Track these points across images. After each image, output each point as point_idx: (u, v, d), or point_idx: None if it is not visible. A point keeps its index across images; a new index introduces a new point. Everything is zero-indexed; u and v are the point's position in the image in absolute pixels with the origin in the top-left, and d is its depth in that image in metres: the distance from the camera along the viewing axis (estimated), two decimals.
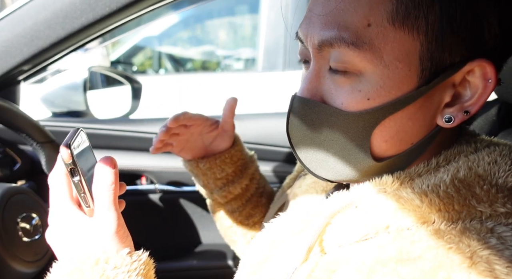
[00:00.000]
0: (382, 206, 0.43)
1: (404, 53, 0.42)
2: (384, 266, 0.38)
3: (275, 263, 0.51)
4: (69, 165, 0.44)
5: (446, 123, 0.44)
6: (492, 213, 0.40)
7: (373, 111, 0.43)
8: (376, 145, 0.45)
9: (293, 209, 0.62)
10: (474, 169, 0.42)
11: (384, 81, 0.42)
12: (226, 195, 0.81)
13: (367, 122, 0.44)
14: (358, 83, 0.43)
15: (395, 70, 0.42)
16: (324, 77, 0.46)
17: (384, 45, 0.41)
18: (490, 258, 0.36)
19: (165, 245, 1.24)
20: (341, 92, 0.44)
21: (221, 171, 0.79)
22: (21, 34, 0.86)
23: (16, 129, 0.90)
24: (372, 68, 0.42)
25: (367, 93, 0.43)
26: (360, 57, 0.42)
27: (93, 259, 0.43)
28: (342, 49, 0.42)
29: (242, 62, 3.12)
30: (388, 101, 0.43)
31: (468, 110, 0.44)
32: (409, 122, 0.44)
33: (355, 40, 0.42)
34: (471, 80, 0.43)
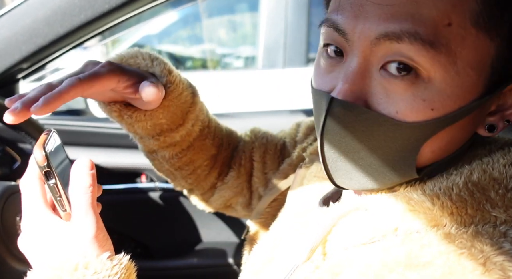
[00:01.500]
0: (391, 208, 0.41)
1: (478, 60, 0.38)
2: (391, 271, 0.37)
3: (278, 262, 0.51)
4: (43, 168, 0.42)
5: (488, 131, 0.42)
6: (507, 218, 0.39)
7: (434, 122, 0.38)
8: (422, 156, 0.41)
9: (295, 208, 0.61)
10: (489, 172, 0.40)
11: (453, 89, 0.37)
12: (160, 143, 0.65)
13: (423, 134, 0.39)
14: (423, 90, 0.37)
15: (466, 78, 0.38)
16: (371, 78, 0.39)
17: (461, 49, 0.36)
18: (504, 265, 0.34)
19: (165, 244, 1.24)
20: (398, 99, 0.38)
21: (152, 125, 0.62)
22: (19, 32, 0.85)
23: (15, 127, 0.90)
24: (443, 74, 0.37)
25: (432, 103, 0.37)
26: (434, 60, 0.36)
27: (72, 264, 0.41)
28: (414, 46, 0.36)
29: (242, 60, 3.12)
30: (451, 111, 0.38)
31: (509, 119, 0.42)
32: (459, 133, 0.41)
33: (433, 39, 0.36)
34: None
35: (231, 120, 1.31)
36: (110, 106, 0.61)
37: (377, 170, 0.42)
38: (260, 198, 0.75)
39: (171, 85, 0.61)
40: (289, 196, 0.63)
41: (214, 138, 0.73)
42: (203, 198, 0.78)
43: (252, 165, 0.76)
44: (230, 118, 1.32)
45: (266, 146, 0.75)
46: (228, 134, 0.77)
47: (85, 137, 1.23)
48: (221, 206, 0.78)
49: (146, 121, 0.61)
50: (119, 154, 1.23)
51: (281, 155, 0.75)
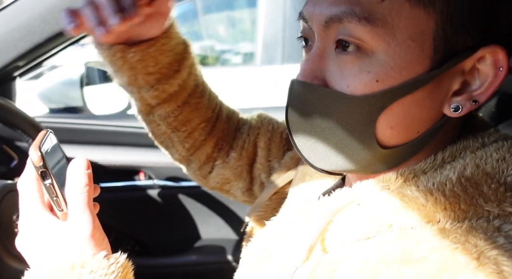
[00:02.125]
0: (385, 204, 0.42)
1: (418, 32, 0.39)
2: (387, 267, 0.37)
3: (275, 261, 0.50)
4: (39, 168, 0.42)
5: (454, 112, 0.42)
6: (500, 213, 0.39)
7: (381, 94, 0.40)
8: (381, 132, 0.42)
9: (295, 204, 0.60)
10: (482, 167, 0.40)
11: (396, 61, 0.40)
12: (158, 94, 0.65)
13: (374, 107, 0.41)
14: (368, 63, 0.40)
15: (408, 50, 0.40)
16: (328, 58, 0.43)
17: (397, 21, 0.39)
18: (498, 259, 0.34)
19: (164, 241, 1.24)
20: (348, 74, 0.41)
21: (155, 63, 0.62)
22: (15, 29, 0.85)
23: (12, 126, 0.90)
24: (384, 47, 0.40)
25: (377, 75, 0.40)
26: (372, 33, 0.39)
27: (69, 264, 0.42)
28: (352, 24, 0.40)
29: (241, 56, 3.11)
30: (398, 83, 0.40)
31: (476, 100, 0.42)
32: (416, 109, 0.42)
33: (368, 15, 0.39)
34: (481, 68, 0.41)
35: None
36: (114, 47, 0.61)
37: (345, 147, 0.44)
38: (262, 185, 0.75)
39: (171, 21, 0.64)
40: (290, 192, 0.63)
41: (209, 99, 0.73)
42: (201, 173, 0.77)
43: (256, 150, 0.75)
44: None
45: (272, 133, 0.75)
46: (226, 106, 0.78)
47: (83, 135, 1.23)
48: (218, 185, 0.77)
49: (150, 57, 0.61)
50: (117, 151, 1.23)
51: (286, 144, 0.75)
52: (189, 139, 0.72)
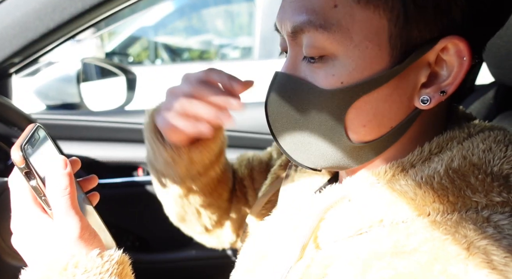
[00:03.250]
0: (375, 200, 0.42)
1: (373, 32, 0.41)
2: (379, 259, 0.38)
3: (270, 261, 0.51)
4: (23, 168, 0.40)
5: (423, 104, 0.43)
6: (488, 203, 0.39)
7: (346, 89, 0.42)
8: (354, 130, 0.44)
9: (285, 205, 0.61)
10: (469, 158, 0.41)
11: (356, 62, 0.42)
12: (205, 180, 0.70)
13: (341, 101, 0.43)
14: (332, 67, 0.43)
15: (365, 50, 0.41)
16: (300, 64, 0.46)
17: (352, 25, 0.41)
18: (487, 249, 0.35)
19: (163, 236, 1.24)
20: (316, 78, 0.44)
21: (210, 152, 0.67)
22: (10, 25, 0.84)
23: (8, 123, 0.89)
24: (343, 50, 0.42)
25: (341, 77, 0.42)
26: (330, 39, 0.41)
27: (61, 264, 0.41)
28: (311, 33, 0.42)
29: (239, 51, 3.10)
30: (361, 81, 0.42)
31: (444, 90, 0.43)
32: (385, 105, 0.43)
33: (323, 22, 0.41)
34: (446, 59, 0.42)
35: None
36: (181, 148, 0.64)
37: (319, 140, 0.46)
38: None
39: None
40: (281, 193, 0.64)
41: (228, 171, 0.77)
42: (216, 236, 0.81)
43: (244, 187, 0.79)
44: None
45: (252, 164, 0.79)
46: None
47: (80, 131, 1.22)
48: (234, 241, 0.81)
49: (208, 149, 0.66)
50: (115, 147, 1.23)
51: (267, 168, 0.77)
52: (217, 212, 0.76)
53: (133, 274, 0.46)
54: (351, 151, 0.45)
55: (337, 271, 0.40)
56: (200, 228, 0.79)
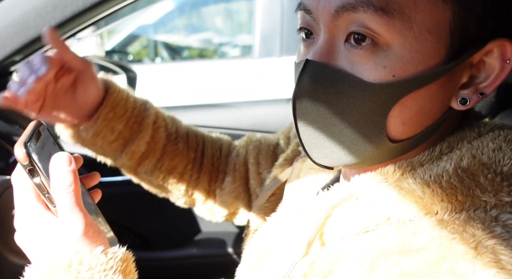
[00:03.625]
0: (383, 198, 0.42)
1: (435, 24, 0.38)
2: (386, 258, 0.37)
3: (275, 257, 0.50)
4: (26, 166, 0.40)
5: (461, 105, 0.42)
6: (497, 203, 0.39)
7: (398, 83, 0.39)
8: (394, 128, 0.42)
9: (291, 201, 0.60)
10: (478, 157, 0.40)
11: (412, 54, 0.39)
12: (131, 156, 0.69)
13: (389, 96, 0.40)
14: (384, 58, 0.39)
15: (424, 43, 0.38)
16: (337, 52, 0.41)
17: (414, 13, 0.38)
18: (495, 248, 0.34)
19: (164, 234, 1.24)
20: (362, 68, 0.40)
21: (111, 132, 0.66)
22: (11, 24, 0.84)
23: (9, 121, 0.89)
24: (401, 40, 0.38)
25: (393, 69, 0.39)
26: (389, 25, 0.38)
27: (66, 261, 0.41)
28: (368, 14, 0.38)
29: (239, 49, 3.09)
30: (414, 75, 0.39)
31: (483, 92, 0.42)
32: (429, 103, 0.41)
33: (385, 5, 0.37)
34: (487, 60, 0.41)
35: (226, 109, 1.30)
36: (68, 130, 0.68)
37: (351, 138, 0.42)
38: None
39: (113, 88, 0.68)
40: (286, 189, 0.63)
41: (187, 141, 0.77)
42: (207, 208, 0.81)
43: (247, 168, 0.78)
44: (227, 107, 1.31)
45: (259, 147, 0.78)
46: (212, 139, 0.82)
47: None
48: (226, 214, 0.81)
49: (102, 129, 0.66)
50: None
51: (273, 154, 0.77)
52: (182, 183, 0.76)
53: (136, 271, 0.46)
54: (383, 150, 0.43)
55: (344, 269, 0.40)
56: (176, 195, 0.79)
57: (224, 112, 1.29)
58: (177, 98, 2.26)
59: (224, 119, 1.26)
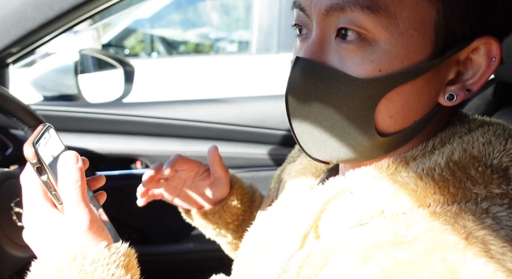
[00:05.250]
0: (376, 191, 0.43)
1: (420, 21, 0.40)
2: (380, 249, 0.38)
3: (271, 250, 0.51)
4: (35, 164, 0.43)
5: (448, 101, 0.43)
6: (487, 194, 0.40)
7: (383, 78, 0.40)
8: (381, 121, 0.43)
9: (285, 197, 0.61)
10: (469, 151, 0.42)
11: (398, 50, 0.40)
12: (241, 234, 0.76)
13: (376, 91, 0.41)
14: (370, 52, 0.40)
15: (410, 39, 0.40)
16: (328, 47, 0.43)
17: (400, 11, 0.39)
18: (485, 239, 0.35)
19: (161, 229, 1.24)
20: (350, 63, 0.41)
21: (231, 215, 0.76)
22: (8, 15, 0.83)
23: (6, 113, 0.89)
24: (387, 36, 0.40)
25: (379, 64, 0.40)
26: (375, 22, 0.39)
27: (71, 255, 0.42)
28: (355, 13, 0.39)
29: (236, 45, 3.08)
30: (400, 70, 0.41)
31: (469, 89, 0.43)
32: (415, 98, 0.42)
33: (370, 4, 0.39)
34: (474, 58, 0.42)
35: (225, 105, 1.30)
36: (197, 212, 0.77)
37: (343, 133, 0.44)
38: None
39: (234, 178, 0.77)
40: (281, 185, 0.65)
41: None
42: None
43: None
44: (224, 103, 1.31)
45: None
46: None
47: (78, 123, 1.22)
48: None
49: (226, 213, 0.75)
50: (113, 140, 1.23)
51: None
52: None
53: (138, 267, 0.47)
54: (373, 144, 0.44)
55: (338, 261, 0.41)
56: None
57: (222, 108, 1.29)
58: (173, 93, 2.25)
59: (221, 115, 1.26)
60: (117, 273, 0.43)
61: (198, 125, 1.25)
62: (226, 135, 1.25)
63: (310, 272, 0.43)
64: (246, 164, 1.24)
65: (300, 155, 0.67)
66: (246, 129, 1.23)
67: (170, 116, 1.25)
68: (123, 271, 0.43)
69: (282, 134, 1.25)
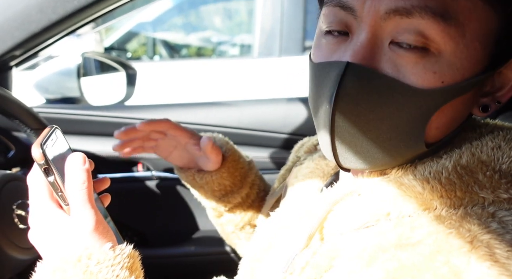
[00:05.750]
0: (383, 193, 0.42)
1: (485, 34, 0.39)
2: (384, 252, 0.38)
3: (277, 250, 0.51)
4: (42, 164, 0.43)
5: (482, 112, 0.44)
6: (494, 199, 0.40)
7: (445, 90, 0.39)
8: (429, 133, 0.42)
9: (292, 198, 0.61)
10: (477, 155, 0.41)
11: (462, 62, 0.39)
12: (225, 204, 0.79)
13: (434, 103, 0.39)
14: (434, 63, 0.38)
15: (473, 51, 0.39)
16: (380, 53, 0.40)
17: (468, 21, 0.38)
18: (490, 242, 0.35)
19: (162, 232, 1.24)
20: (409, 73, 0.39)
21: (218, 184, 0.76)
22: (12, 18, 0.84)
23: (9, 115, 0.89)
24: (453, 47, 0.38)
25: (442, 76, 0.39)
26: (444, 32, 0.37)
27: (75, 256, 0.43)
28: (425, 20, 0.37)
29: (237, 48, 3.09)
30: (460, 82, 0.39)
31: (499, 101, 0.44)
32: (463, 109, 0.42)
33: (444, 12, 0.36)
34: (504, 71, 0.43)
35: (227, 108, 1.30)
36: (187, 172, 0.78)
37: (388, 143, 0.42)
38: None
39: (230, 152, 0.77)
40: (288, 187, 0.65)
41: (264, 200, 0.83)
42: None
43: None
44: (226, 106, 1.31)
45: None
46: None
47: (80, 125, 1.22)
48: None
49: (213, 182, 0.75)
50: (115, 142, 1.23)
51: None
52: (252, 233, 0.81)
53: (142, 270, 0.47)
54: (416, 154, 0.43)
55: (343, 263, 0.41)
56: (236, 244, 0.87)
57: (224, 111, 1.29)
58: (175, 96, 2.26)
59: (223, 118, 1.26)
60: (122, 275, 0.43)
61: (200, 128, 1.25)
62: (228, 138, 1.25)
63: (314, 273, 0.43)
64: None
65: (307, 159, 0.67)
66: (247, 132, 1.24)
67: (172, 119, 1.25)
68: (127, 273, 0.44)
69: (284, 137, 1.25)
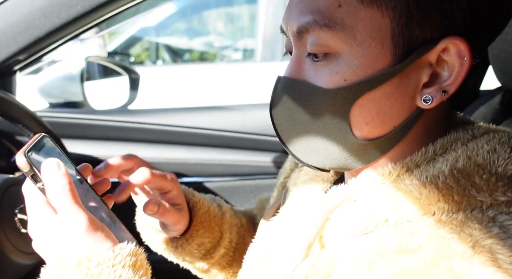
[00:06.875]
0: (380, 199, 0.43)
1: (376, 31, 0.42)
2: (383, 257, 0.38)
3: (275, 260, 0.51)
4: (28, 172, 0.44)
5: (425, 103, 0.44)
6: (492, 202, 0.40)
7: (349, 87, 0.43)
8: (359, 128, 0.45)
9: (289, 206, 0.61)
10: (473, 158, 0.42)
11: (360, 60, 0.43)
12: (210, 261, 0.74)
13: (344, 99, 0.44)
14: (336, 65, 0.44)
15: (369, 48, 0.43)
16: (304, 64, 0.47)
17: (355, 23, 0.42)
18: (492, 248, 0.35)
19: None
20: (320, 75, 0.45)
21: (197, 246, 0.71)
22: (15, 23, 0.84)
23: (12, 120, 0.89)
24: (347, 48, 0.43)
25: (344, 74, 0.43)
26: (335, 38, 0.43)
27: (75, 260, 0.42)
28: (316, 32, 0.43)
29: (240, 53, 3.10)
30: (363, 79, 0.43)
31: (446, 90, 0.44)
32: (387, 103, 0.44)
33: (328, 22, 0.43)
34: (447, 59, 0.43)
35: (230, 112, 1.30)
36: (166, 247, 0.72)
37: (325, 140, 0.46)
38: None
39: (197, 205, 0.71)
40: (285, 195, 0.64)
41: (250, 231, 0.80)
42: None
43: None
44: (229, 110, 1.31)
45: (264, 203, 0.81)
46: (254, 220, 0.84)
47: (83, 129, 1.22)
48: None
49: (191, 245, 0.69)
50: (117, 147, 1.23)
51: None
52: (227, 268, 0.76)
53: (150, 266, 0.47)
54: (356, 149, 0.46)
55: (342, 270, 0.41)
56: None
57: (227, 115, 1.29)
58: (178, 100, 2.26)
59: (226, 122, 1.26)
60: (125, 274, 0.43)
61: (202, 133, 1.25)
62: (231, 143, 1.25)
63: None
64: (250, 172, 1.23)
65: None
66: (251, 136, 1.23)
67: (174, 124, 1.25)
68: (130, 272, 0.43)
69: None
